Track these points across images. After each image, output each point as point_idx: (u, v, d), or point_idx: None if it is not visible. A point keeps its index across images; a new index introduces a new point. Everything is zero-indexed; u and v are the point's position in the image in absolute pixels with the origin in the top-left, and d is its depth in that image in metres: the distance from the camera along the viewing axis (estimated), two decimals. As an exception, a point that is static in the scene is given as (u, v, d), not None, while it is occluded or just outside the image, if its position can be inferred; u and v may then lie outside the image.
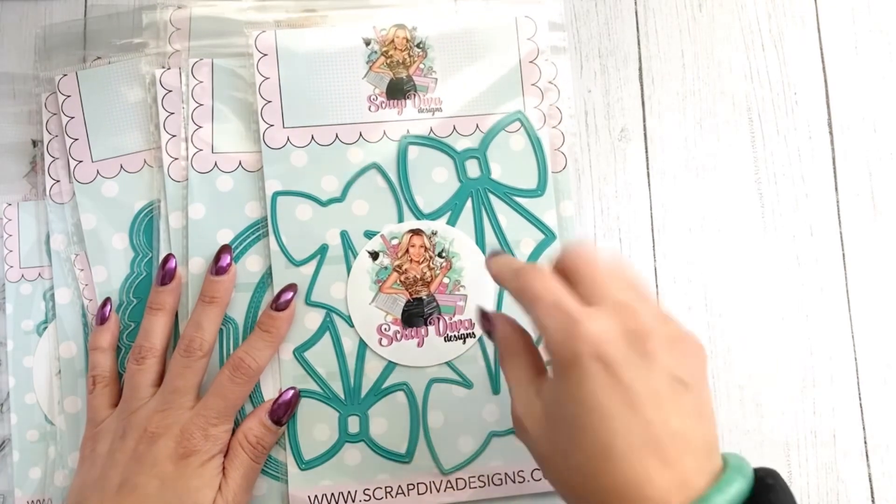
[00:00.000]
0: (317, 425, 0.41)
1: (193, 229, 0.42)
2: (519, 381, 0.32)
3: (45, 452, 0.42)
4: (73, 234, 0.44)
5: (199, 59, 0.44)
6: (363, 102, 0.44)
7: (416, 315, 0.42)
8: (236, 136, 0.43)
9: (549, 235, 0.44)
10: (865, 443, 0.44)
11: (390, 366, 0.42)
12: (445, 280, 0.43)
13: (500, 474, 0.41)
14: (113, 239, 0.43)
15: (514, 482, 0.41)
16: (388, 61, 0.44)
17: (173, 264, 0.41)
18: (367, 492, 0.41)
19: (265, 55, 0.43)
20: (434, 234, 0.43)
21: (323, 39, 0.44)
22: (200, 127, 0.43)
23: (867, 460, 0.44)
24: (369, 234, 0.43)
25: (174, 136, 0.43)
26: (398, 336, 0.42)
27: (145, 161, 0.44)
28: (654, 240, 0.46)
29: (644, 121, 0.47)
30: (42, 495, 0.42)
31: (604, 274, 0.31)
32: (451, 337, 0.42)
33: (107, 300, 0.42)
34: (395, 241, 0.43)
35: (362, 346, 0.42)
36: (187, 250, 0.42)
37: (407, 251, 0.43)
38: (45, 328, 0.43)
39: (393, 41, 0.44)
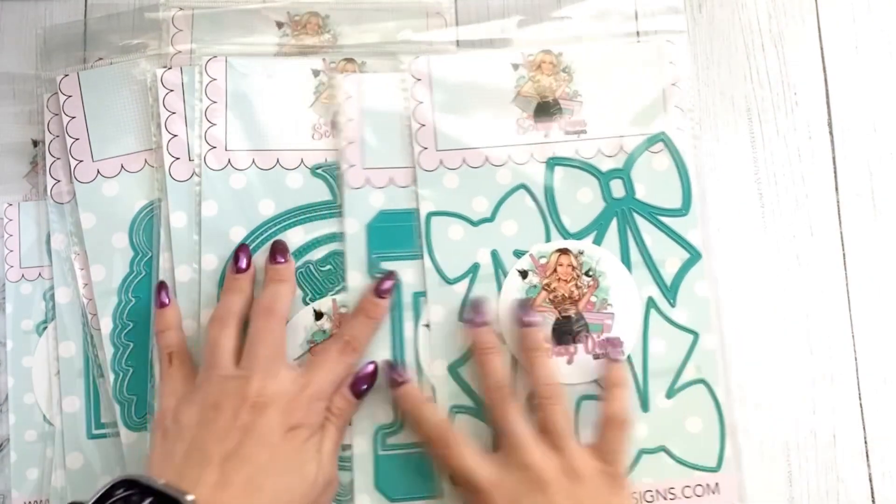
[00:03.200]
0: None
1: (206, 226, 0.42)
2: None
3: (43, 453, 0.42)
4: (73, 234, 0.44)
5: (213, 57, 0.44)
6: (512, 125, 0.44)
7: (565, 332, 0.43)
8: (249, 134, 0.43)
9: (695, 255, 0.44)
10: (865, 443, 0.44)
11: None
12: (593, 298, 0.43)
13: (651, 491, 0.42)
14: (113, 238, 0.43)
15: (664, 498, 0.42)
16: (536, 85, 0.45)
17: (244, 263, 0.42)
18: None
19: (419, 80, 0.44)
20: (581, 253, 0.43)
21: (473, 65, 0.45)
22: (214, 124, 0.43)
23: (867, 460, 0.44)
24: (518, 254, 0.43)
25: (175, 135, 0.43)
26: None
27: (146, 161, 0.44)
28: (654, 240, 0.46)
29: (644, 121, 0.47)
30: (39, 496, 0.42)
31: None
32: (599, 355, 0.43)
33: (162, 283, 0.42)
34: (543, 261, 0.43)
35: (514, 363, 0.42)
36: (191, 250, 0.42)
37: (555, 270, 0.43)
38: (45, 328, 0.43)
39: (540, 66, 0.45)
